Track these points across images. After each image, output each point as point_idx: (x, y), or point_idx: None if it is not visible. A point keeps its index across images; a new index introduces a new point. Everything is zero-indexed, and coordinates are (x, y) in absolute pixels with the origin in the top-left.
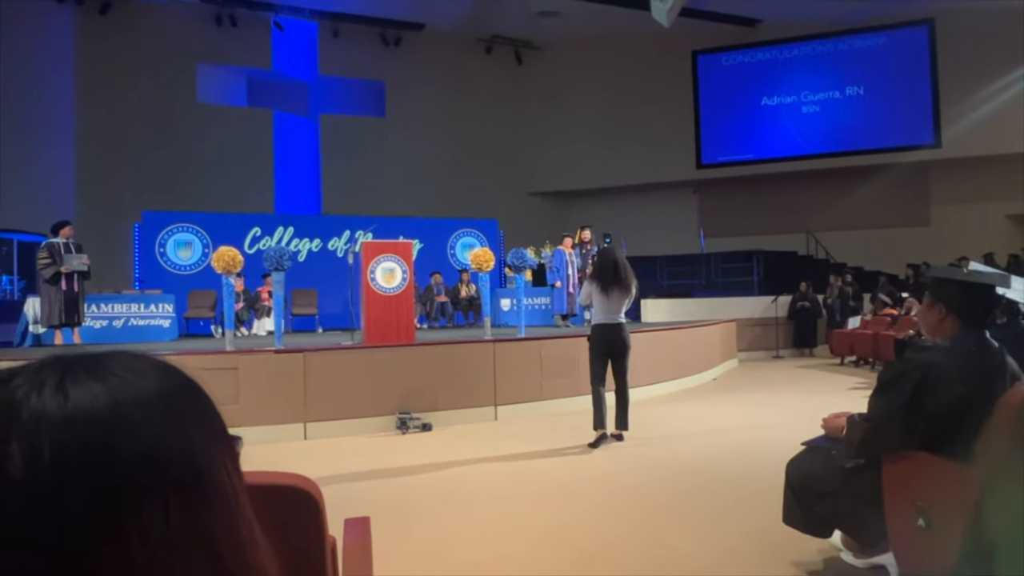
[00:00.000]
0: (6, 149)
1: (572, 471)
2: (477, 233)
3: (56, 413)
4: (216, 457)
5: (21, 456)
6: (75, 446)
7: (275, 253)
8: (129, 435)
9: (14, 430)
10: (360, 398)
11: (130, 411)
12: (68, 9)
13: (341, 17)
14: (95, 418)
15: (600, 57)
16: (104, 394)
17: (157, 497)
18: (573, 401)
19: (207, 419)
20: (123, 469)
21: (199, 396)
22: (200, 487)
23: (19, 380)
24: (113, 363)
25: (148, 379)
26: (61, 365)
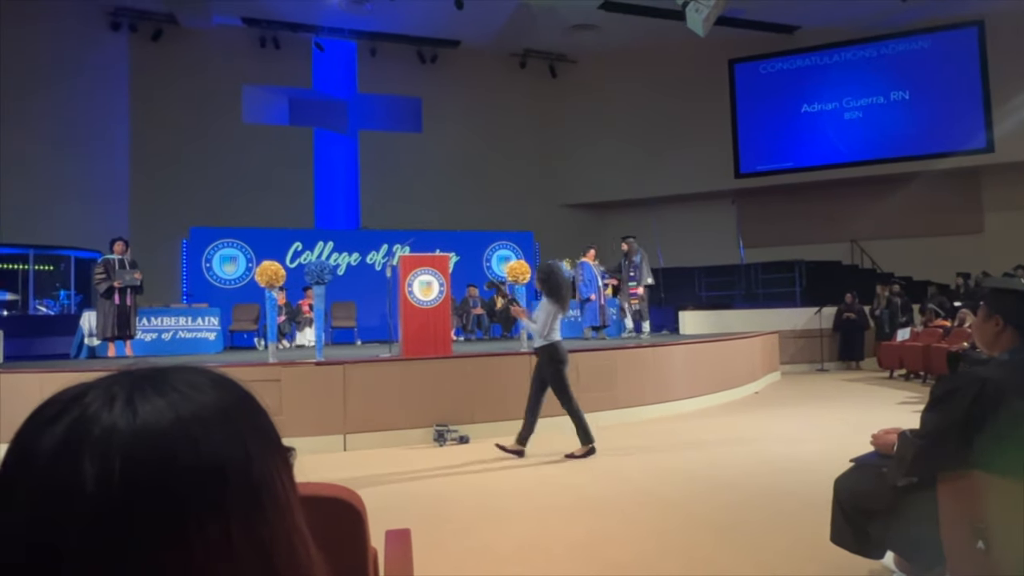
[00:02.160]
0: (65, 170)
1: (609, 484)
2: (513, 245)
3: (125, 429)
4: (273, 470)
5: (93, 470)
6: (143, 461)
7: (316, 267)
8: (191, 450)
9: (87, 444)
10: (398, 410)
11: (191, 426)
12: (123, 36)
13: (379, 36)
14: (160, 433)
15: (635, 69)
16: (168, 409)
17: (218, 510)
18: (610, 415)
19: (264, 432)
20: (186, 483)
21: (256, 410)
22: (258, 500)
23: (91, 396)
24: (175, 378)
25: (207, 394)
26: (129, 381)
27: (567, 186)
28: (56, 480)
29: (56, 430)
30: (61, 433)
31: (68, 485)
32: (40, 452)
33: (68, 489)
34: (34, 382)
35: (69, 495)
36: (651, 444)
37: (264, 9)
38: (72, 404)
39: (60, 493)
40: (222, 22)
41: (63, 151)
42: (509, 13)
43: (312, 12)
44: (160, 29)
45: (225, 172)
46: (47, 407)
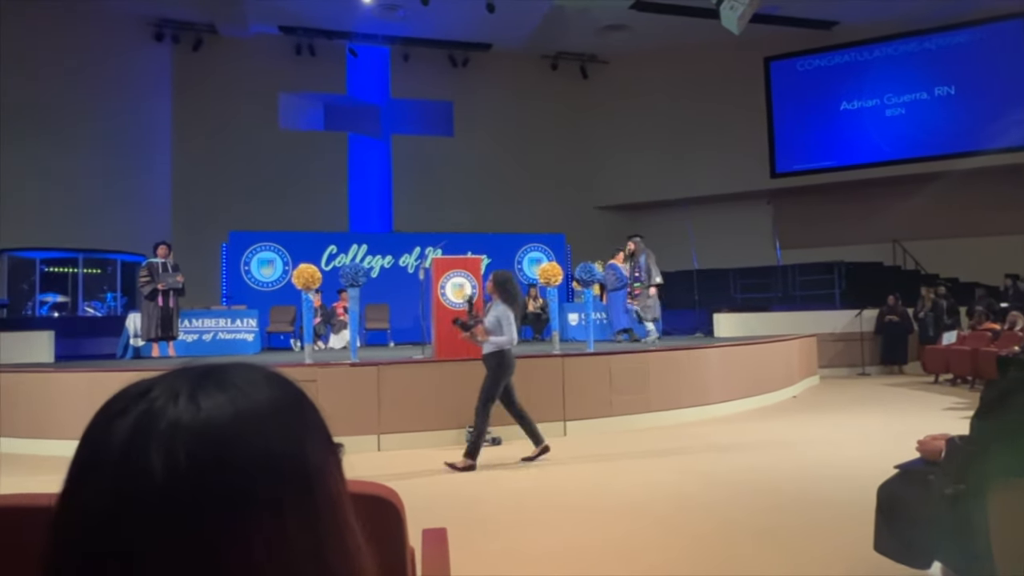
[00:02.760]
0: (111, 176)
1: (644, 487)
2: (544, 248)
3: (190, 423)
4: (325, 465)
5: (160, 460)
6: (205, 453)
7: (351, 270)
8: (249, 444)
9: (154, 437)
10: (431, 411)
11: (249, 421)
12: (166, 47)
13: (411, 41)
14: (221, 428)
15: (667, 68)
16: (228, 404)
17: (274, 502)
18: (644, 418)
19: (316, 428)
20: (245, 475)
21: (308, 406)
22: (311, 494)
23: (157, 391)
24: (233, 375)
25: (263, 390)
26: (191, 377)
27: (599, 188)
28: (127, 469)
29: (126, 422)
30: (130, 425)
31: (138, 474)
32: (112, 443)
33: (138, 478)
34: (83, 381)
35: (139, 483)
36: (686, 448)
37: (300, 17)
38: (139, 398)
39: (131, 481)
40: (259, 31)
41: (109, 159)
42: (541, 15)
43: (346, 19)
44: (201, 39)
45: (263, 177)
46: (116, 401)
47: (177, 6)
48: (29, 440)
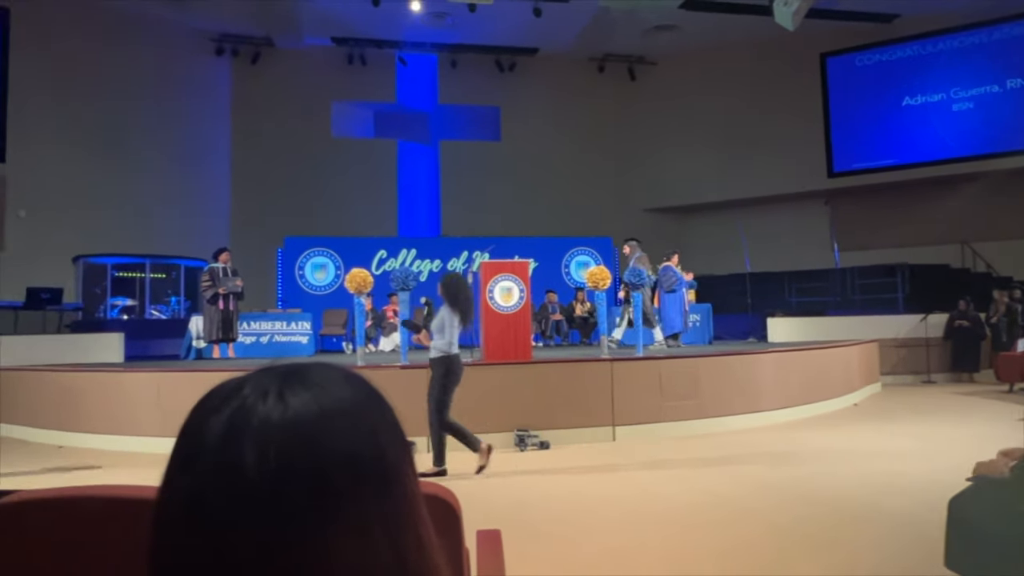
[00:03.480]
0: (175, 186)
1: (697, 495)
2: (592, 251)
3: (279, 420)
4: (402, 462)
5: (253, 455)
6: (293, 449)
7: (402, 274)
8: (333, 441)
9: (247, 433)
10: (479, 414)
11: (332, 419)
12: (226, 60)
13: (459, 48)
14: (307, 425)
15: (718, 67)
16: (312, 402)
17: (359, 499)
18: (695, 424)
19: (393, 426)
20: (331, 471)
21: (383, 403)
22: (391, 490)
23: (248, 389)
24: (314, 374)
25: (343, 389)
26: (278, 376)
27: (648, 190)
28: (222, 464)
29: (220, 419)
30: (225, 421)
31: (232, 469)
32: (207, 438)
33: (232, 473)
34: (151, 381)
35: (233, 478)
36: (740, 456)
37: (352, 28)
38: (232, 396)
39: (226, 476)
40: (313, 42)
41: (173, 169)
42: (588, 18)
43: (396, 28)
44: (258, 52)
45: (316, 184)
46: (211, 398)
47: (237, 21)
48: (102, 436)
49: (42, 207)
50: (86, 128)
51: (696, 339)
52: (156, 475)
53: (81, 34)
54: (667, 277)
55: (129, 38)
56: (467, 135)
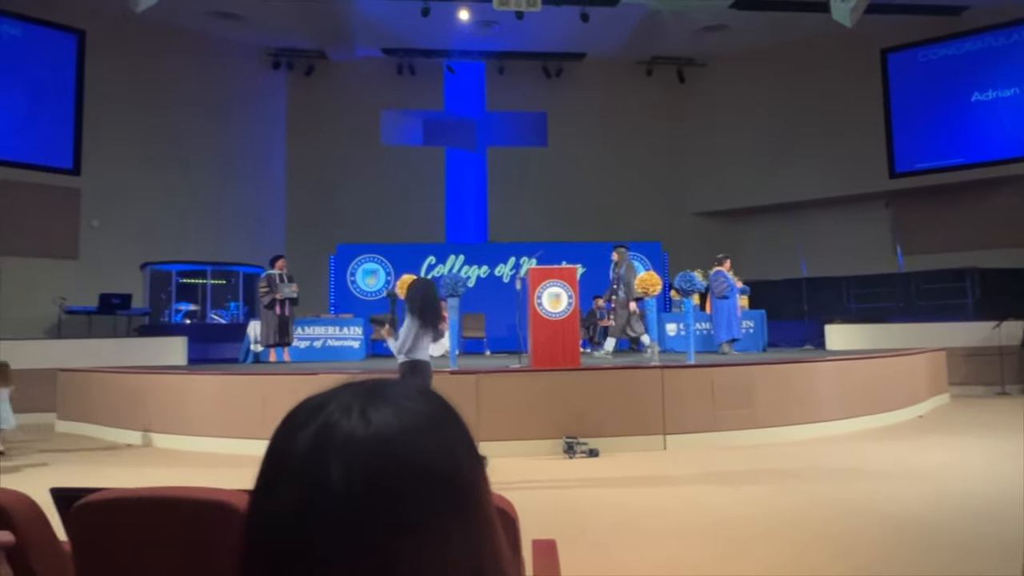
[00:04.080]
0: (232, 195)
1: (751, 509)
2: (640, 256)
3: (363, 437)
4: (477, 477)
5: (339, 471)
6: (377, 465)
7: (451, 280)
8: (415, 457)
9: (332, 449)
10: (528, 420)
11: (413, 435)
12: (282, 74)
13: (506, 55)
14: (390, 441)
15: (770, 67)
16: (394, 419)
17: (439, 514)
18: (749, 434)
19: (467, 441)
20: (412, 486)
21: (459, 419)
22: (469, 505)
23: (332, 406)
24: (392, 391)
25: (421, 405)
26: (360, 392)
27: (698, 194)
28: (309, 480)
29: (306, 434)
30: (311, 437)
31: (319, 485)
32: (294, 454)
33: (319, 488)
34: (213, 383)
35: (320, 494)
36: (797, 468)
37: (402, 39)
38: (317, 412)
39: (313, 491)
40: (365, 54)
41: (233, 179)
42: (635, 21)
43: (444, 38)
44: (312, 65)
45: (367, 192)
46: (297, 413)
47: (293, 36)
48: (166, 435)
49: (113, 217)
50: (154, 141)
51: (749, 346)
52: (216, 475)
53: (151, 52)
54: (718, 283)
55: (194, 55)
56: (514, 141)
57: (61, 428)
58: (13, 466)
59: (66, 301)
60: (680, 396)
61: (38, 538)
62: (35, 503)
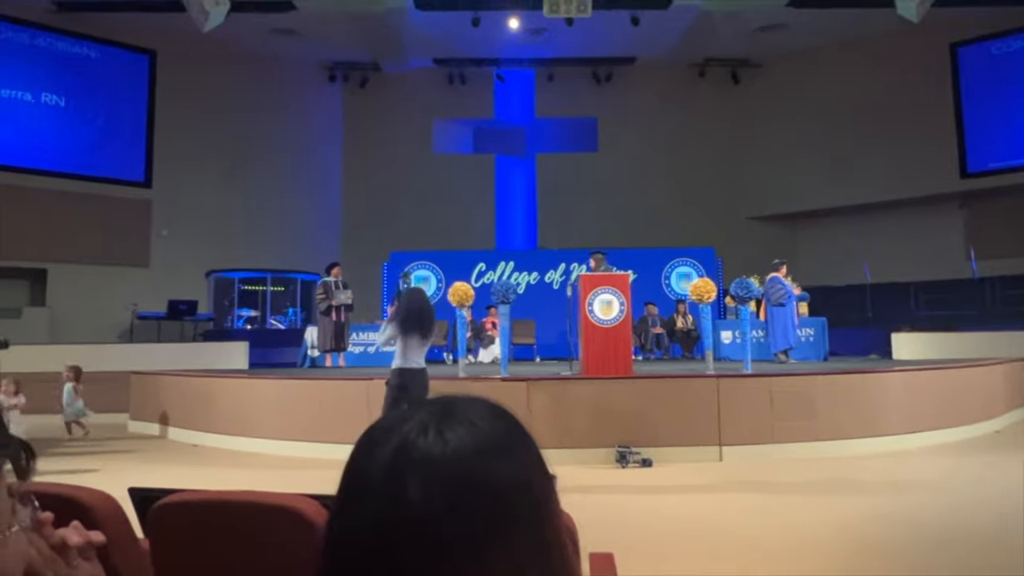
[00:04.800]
0: (290, 205)
1: (813, 524)
2: (693, 262)
3: (439, 455)
4: (548, 494)
5: (417, 489)
6: (454, 483)
7: (502, 287)
8: (489, 475)
9: (410, 467)
10: (579, 428)
11: (486, 453)
12: (338, 86)
13: (556, 62)
14: (465, 460)
15: (831, 66)
16: (467, 437)
17: (512, 531)
18: (811, 447)
19: (538, 459)
20: (487, 503)
21: (529, 438)
22: (540, 523)
23: (409, 425)
24: (465, 410)
25: (490, 423)
26: (435, 411)
27: (753, 198)
28: (387, 497)
29: (385, 453)
30: (389, 455)
31: (397, 502)
32: (373, 471)
33: (397, 505)
34: (273, 387)
35: (398, 510)
36: (859, 482)
37: (453, 48)
38: (394, 430)
39: (391, 508)
40: (417, 65)
41: (291, 189)
42: (687, 24)
43: (494, 46)
44: (367, 77)
45: (419, 200)
46: (375, 431)
47: (348, 50)
48: (228, 436)
49: (181, 227)
50: (218, 154)
51: (809, 355)
52: (278, 476)
53: (216, 69)
54: (775, 289)
55: (255, 71)
56: (564, 147)
57: (133, 428)
58: (89, 467)
59: (138, 307)
60: (737, 406)
61: (121, 537)
62: (118, 503)
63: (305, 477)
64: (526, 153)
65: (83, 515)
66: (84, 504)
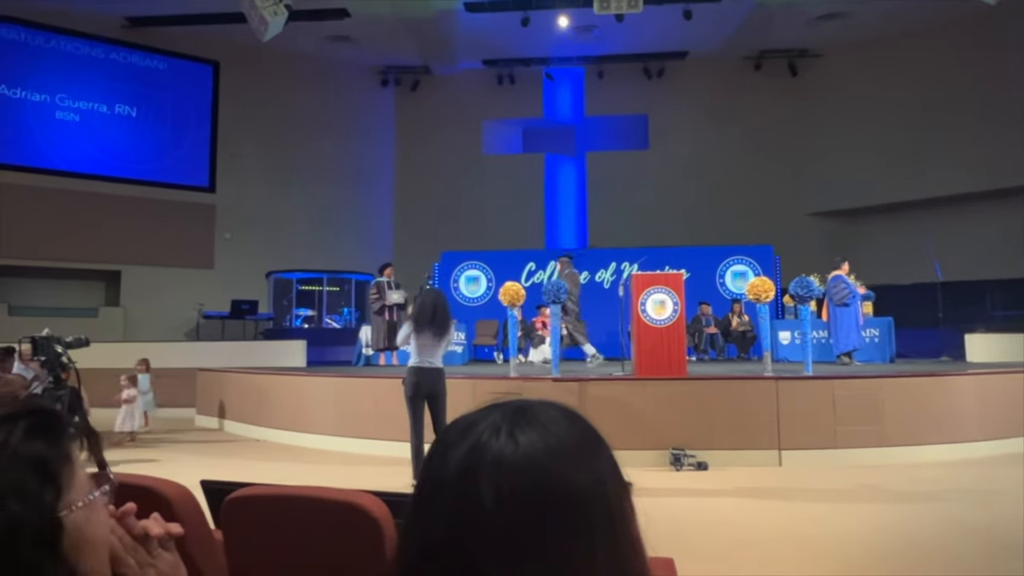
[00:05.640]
0: (344, 207)
1: (872, 532)
2: (749, 260)
3: (511, 457)
4: (621, 498)
5: (490, 490)
6: (525, 485)
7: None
8: (560, 478)
9: (482, 468)
10: (632, 430)
11: (558, 456)
12: (390, 91)
13: (606, 59)
14: (537, 462)
15: (894, 54)
16: (539, 441)
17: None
18: (876, 453)
19: (611, 464)
20: (558, 506)
21: (602, 443)
22: (613, 525)
23: (482, 426)
24: (538, 413)
25: (563, 427)
26: (507, 413)
27: (813, 193)
28: (462, 497)
29: (459, 454)
30: (463, 456)
31: (471, 502)
32: (448, 472)
33: (471, 505)
34: (329, 385)
35: (472, 510)
36: (929, 491)
37: (502, 49)
38: (468, 432)
39: (465, 507)
40: (467, 66)
41: (345, 191)
42: (742, 15)
43: (543, 45)
44: (418, 80)
45: (468, 200)
46: (449, 432)
47: (399, 54)
48: (287, 432)
49: (243, 230)
50: (279, 160)
51: (874, 356)
52: (335, 472)
53: (274, 77)
54: (837, 289)
55: (311, 77)
56: (614, 145)
57: (200, 423)
58: (157, 456)
59: (204, 307)
60: (797, 410)
61: (197, 529)
62: (193, 495)
63: (361, 473)
64: (576, 152)
65: (161, 506)
66: (162, 495)
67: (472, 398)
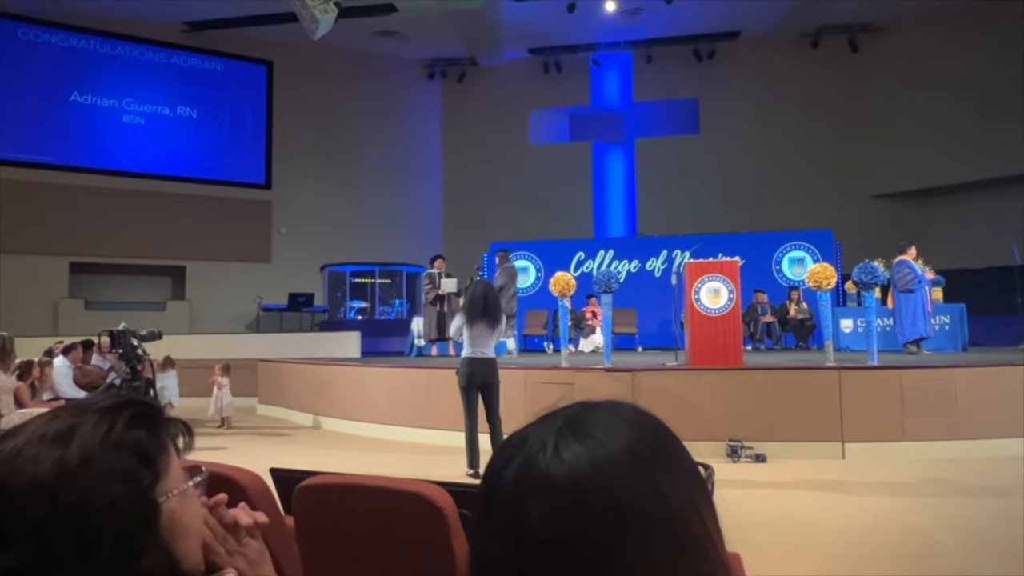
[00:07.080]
0: (395, 200)
1: (945, 529)
2: (807, 246)
3: (556, 474)
4: (688, 504)
5: (536, 509)
6: (570, 503)
7: (604, 277)
8: (609, 492)
9: (530, 487)
10: (688, 421)
11: (605, 471)
12: (436, 83)
13: (654, 42)
14: (583, 478)
15: (966, 24)
16: (585, 455)
17: (640, 547)
18: (948, 446)
19: (674, 466)
20: (606, 522)
21: (665, 443)
22: (677, 534)
23: (531, 441)
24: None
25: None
26: (556, 427)
27: (874, 174)
28: (514, 514)
29: (511, 471)
30: (513, 475)
31: (522, 520)
32: (501, 489)
33: (522, 523)
34: (383, 375)
35: (524, 528)
36: (1007, 487)
37: (547, 37)
38: (519, 449)
39: (517, 525)
40: (513, 56)
41: (396, 184)
42: None
43: (590, 31)
44: (464, 72)
45: (516, 190)
46: (510, 444)
47: (446, 47)
48: (343, 420)
49: (298, 224)
50: (330, 155)
51: (944, 344)
52: (392, 460)
53: (325, 74)
54: (902, 274)
55: (362, 74)
56: (663, 131)
57: (262, 411)
58: (225, 444)
59: (263, 300)
60: (861, 400)
61: (270, 516)
62: (266, 484)
63: (416, 461)
64: (624, 139)
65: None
66: (237, 483)
67: (524, 388)
